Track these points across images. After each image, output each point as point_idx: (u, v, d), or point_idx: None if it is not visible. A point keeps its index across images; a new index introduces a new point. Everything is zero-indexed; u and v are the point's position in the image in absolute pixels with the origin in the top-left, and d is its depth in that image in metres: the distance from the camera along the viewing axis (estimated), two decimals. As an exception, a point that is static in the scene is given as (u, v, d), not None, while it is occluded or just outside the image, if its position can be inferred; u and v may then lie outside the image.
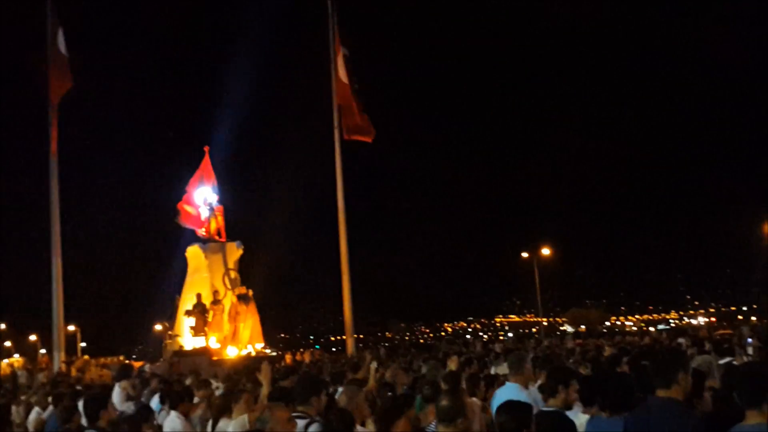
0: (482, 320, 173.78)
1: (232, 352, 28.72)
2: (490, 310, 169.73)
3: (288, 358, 33.85)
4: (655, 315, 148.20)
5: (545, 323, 79.78)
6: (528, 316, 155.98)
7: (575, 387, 6.49)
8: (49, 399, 12.14)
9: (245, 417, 8.17)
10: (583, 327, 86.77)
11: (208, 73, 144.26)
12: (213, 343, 28.77)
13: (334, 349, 59.96)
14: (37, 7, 31.39)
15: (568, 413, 5.87)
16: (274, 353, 34.22)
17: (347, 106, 34.42)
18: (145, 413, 7.78)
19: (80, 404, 8.77)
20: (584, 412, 6.26)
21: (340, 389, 10.82)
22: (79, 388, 13.99)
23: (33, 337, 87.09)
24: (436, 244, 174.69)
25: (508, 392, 7.01)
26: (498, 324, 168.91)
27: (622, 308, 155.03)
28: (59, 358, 29.94)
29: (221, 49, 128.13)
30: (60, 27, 30.35)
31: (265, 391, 8.50)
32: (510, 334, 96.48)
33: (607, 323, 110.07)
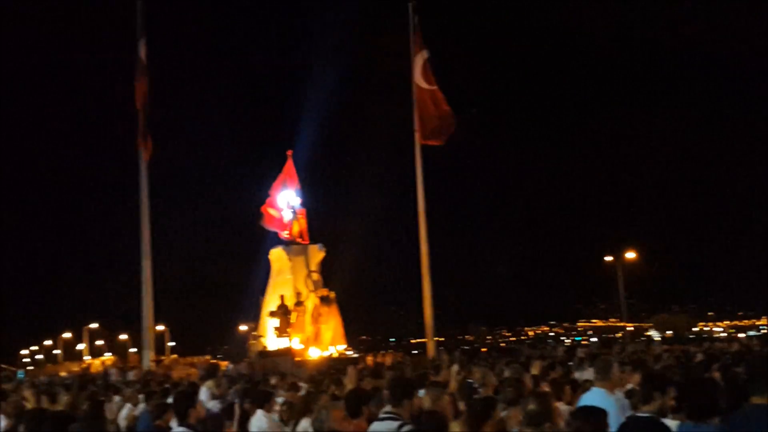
0: (564, 324, 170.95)
1: (314, 353, 29.05)
2: (572, 315, 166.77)
3: (369, 359, 34.03)
4: (744, 321, 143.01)
5: (630, 328, 77.98)
6: (612, 320, 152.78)
7: (672, 393, 6.33)
8: (140, 396, 12.52)
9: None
10: (669, 332, 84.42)
11: (290, 78, 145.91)
12: (296, 344, 29.15)
13: (414, 352, 59.84)
14: (126, 16, 32.55)
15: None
16: (356, 355, 34.43)
17: (424, 110, 34.50)
18: (229, 412, 7.94)
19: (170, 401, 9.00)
20: (673, 419, 6.11)
21: (422, 392, 10.86)
22: (167, 386, 14.37)
23: (123, 337, 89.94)
24: (517, 247, 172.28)
25: (594, 398, 6.89)
26: (581, 328, 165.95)
27: (710, 313, 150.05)
28: (149, 356, 30.85)
29: (303, 53, 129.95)
30: (144, 35, 31.29)
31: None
32: (593, 339, 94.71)
33: (695, 329, 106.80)
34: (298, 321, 29.48)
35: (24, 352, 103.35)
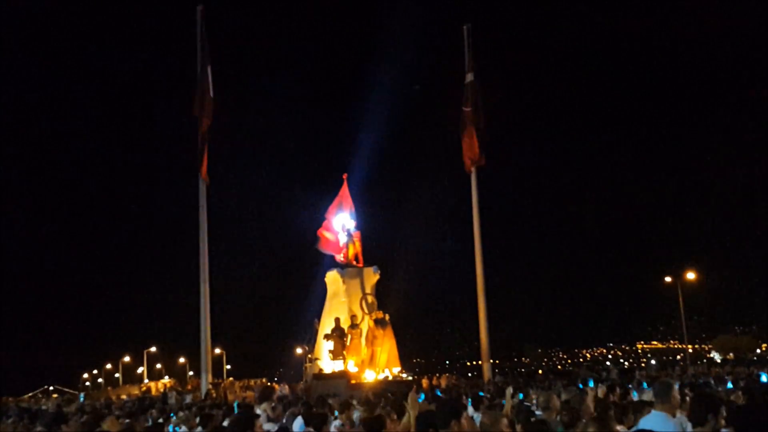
0: (623, 346, 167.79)
1: (369, 376, 29.04)
2: (631, 336, 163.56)
3: (425, 382, 33.88)
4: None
5: (690, 350, 76.22)
6: (672, 342, 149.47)
7: (723, 414, 6.23)
8: (197, 419, 12.69)
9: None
10: (731, 354, 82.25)
11: (346, 101, 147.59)
12: (351, 366, 29.19)
13: (470, 374, 59.42)
14: (188, 42, 33.29)
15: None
16: (411, 377, 34.31)
17: (468, 133, 34.72)
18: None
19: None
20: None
21: (476, 415, 10.80)
22: (224, 408, 14.53)
23: (182, 360, 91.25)
24: (574, 267, 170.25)
25: (654, 421, 6.79)
26: (640, 350, 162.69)
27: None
28: (206, 379, 31.16)
29: (360, 77, 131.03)
30: (209, 62, 31.94)
31: (411, 419, 8.56)
32: (653, 362, 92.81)
33: (758, 350, 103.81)
34: (353, 344, 29.54)
35: (85, 375, 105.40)
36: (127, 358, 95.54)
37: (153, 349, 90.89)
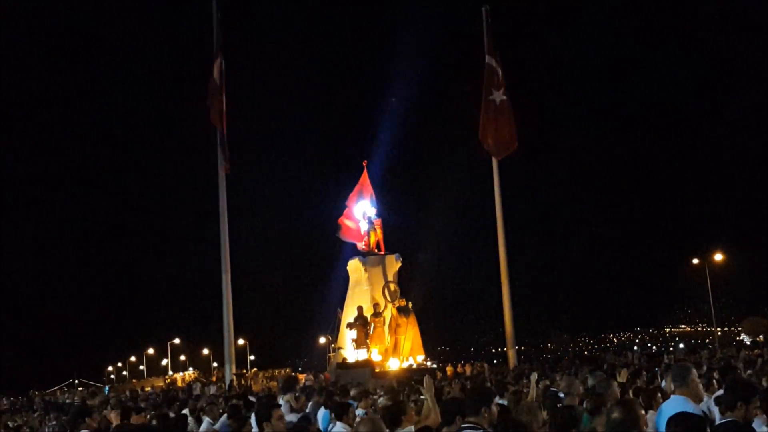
0: (651, 330, 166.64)
1: (393, 364, 28.95)
2: (659, 320, 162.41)
3: (449, 370, 33.76)
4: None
5: (719, 333, 75.52)
6: (700, 325, 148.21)
7: (756, 404, 6.01)
8: (220, 410, 12.62)
9: (411, 428, 8.13)
10: (761, 337, 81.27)
11: (365, 88, 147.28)
12: (375, 355, 29.10)
13: (495, 361, 59.21)
14: (204, 38, 33.21)
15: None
16: (435, 365, 34.19)
17: (488, 121, 34.27)
18: (302, 425, 7.89)
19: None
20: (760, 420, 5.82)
21: (501, 401, 10.62)
22: (250, 399, 14.45)
23: (205, 351, 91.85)
24: (600, 251, 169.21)
25: (673, 406, 6.60)
26: (668, 334, 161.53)
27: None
28: (230, 370, 31.24)
29: (379, 63, 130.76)
30: (220, 53, 31.77)
31: (429, 403, 8.42)
32: (681, 345, 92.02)
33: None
34: (376, 332, 29.45)
35: (110, 368, 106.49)
36: (151, 350, 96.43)
37: (177, 340, 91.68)
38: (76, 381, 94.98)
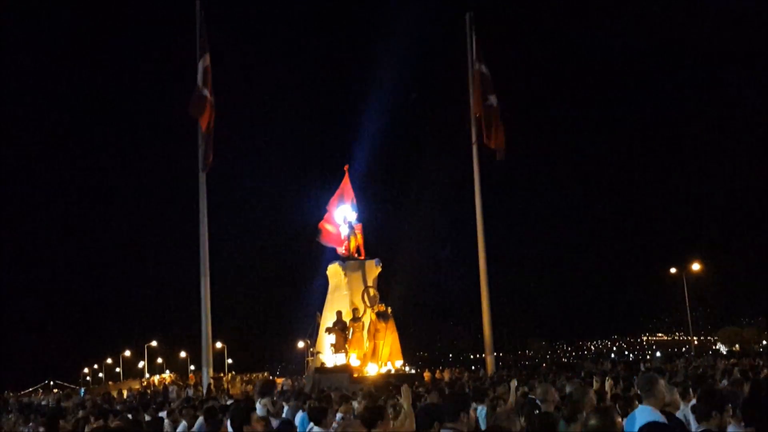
0: (628, 338, 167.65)
1: (372, 370, 28.90)
2: (636, 328, 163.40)
3: (427, 375, 33.76)
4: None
5: (696, 342, 76.11)
6: (677, 334, 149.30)
7: (729, 412, 6.08)
8: (197, 413, 12.57)
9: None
10: (737, 346, 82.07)
11: (347, 94, 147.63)
12: (353, 360, 29.05)
13: (473, 367, 59.36)
14: (186, 41, 33.08)
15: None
16: (413, 371, 34.16)
17: (485, 119, 34.51)
18: (285, 429, 7.87)
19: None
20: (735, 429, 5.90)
21: (480, 407, 10.66)
22: (226, 403, 14.40)
23: (183, 354, 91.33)
24: (578, 259, 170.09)
25: (641, 416, 6.66)
26: (645, 343, 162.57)
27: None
28: (208, 374, 31.07)
29: (360, 68, 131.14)
30: (205, 52, 31.64)
31: (406, 410, 8.44)
32: (658, 353, 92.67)
33: (765, 342, 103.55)
34: (355, 337, 29.38)
35: (85, 370, 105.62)
36: (127, 353, 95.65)
37: (154, 343, 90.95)
38: (51, 383, 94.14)
